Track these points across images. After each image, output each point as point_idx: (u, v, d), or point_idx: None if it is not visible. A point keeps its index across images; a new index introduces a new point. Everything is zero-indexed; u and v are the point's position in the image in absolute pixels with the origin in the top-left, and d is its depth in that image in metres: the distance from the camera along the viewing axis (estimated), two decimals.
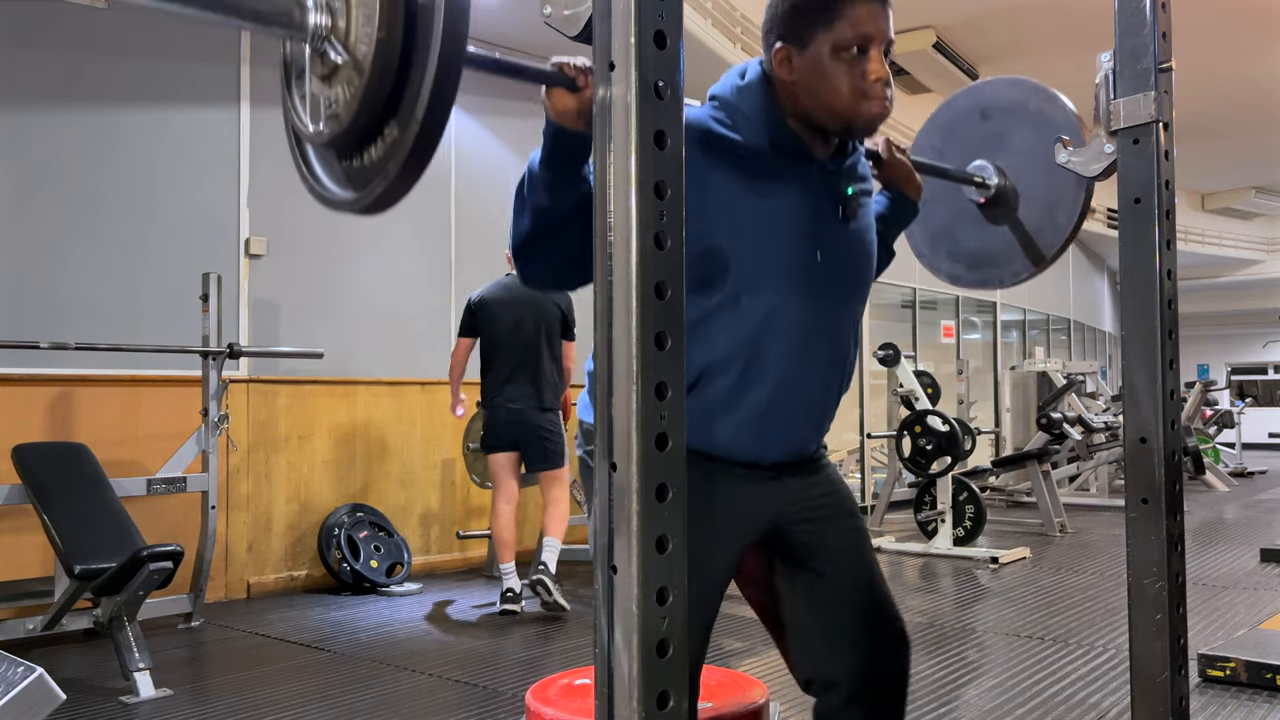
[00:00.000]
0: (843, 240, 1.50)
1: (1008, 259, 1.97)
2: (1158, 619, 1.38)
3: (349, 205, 1.16)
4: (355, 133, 1.11)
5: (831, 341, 1.51)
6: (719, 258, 1.39)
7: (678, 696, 0.87)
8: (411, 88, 1.05)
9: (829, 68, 1.40)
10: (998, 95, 1.98)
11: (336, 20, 1.10)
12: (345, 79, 1.10)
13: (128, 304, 4.61)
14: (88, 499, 3.71)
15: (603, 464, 0.89)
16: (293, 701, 3.20)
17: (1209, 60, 8.37)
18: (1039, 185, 1.89)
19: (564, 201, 1.34)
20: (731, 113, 1.46)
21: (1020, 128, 1.92)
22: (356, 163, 1.15)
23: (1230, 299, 18.33)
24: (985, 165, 1.95)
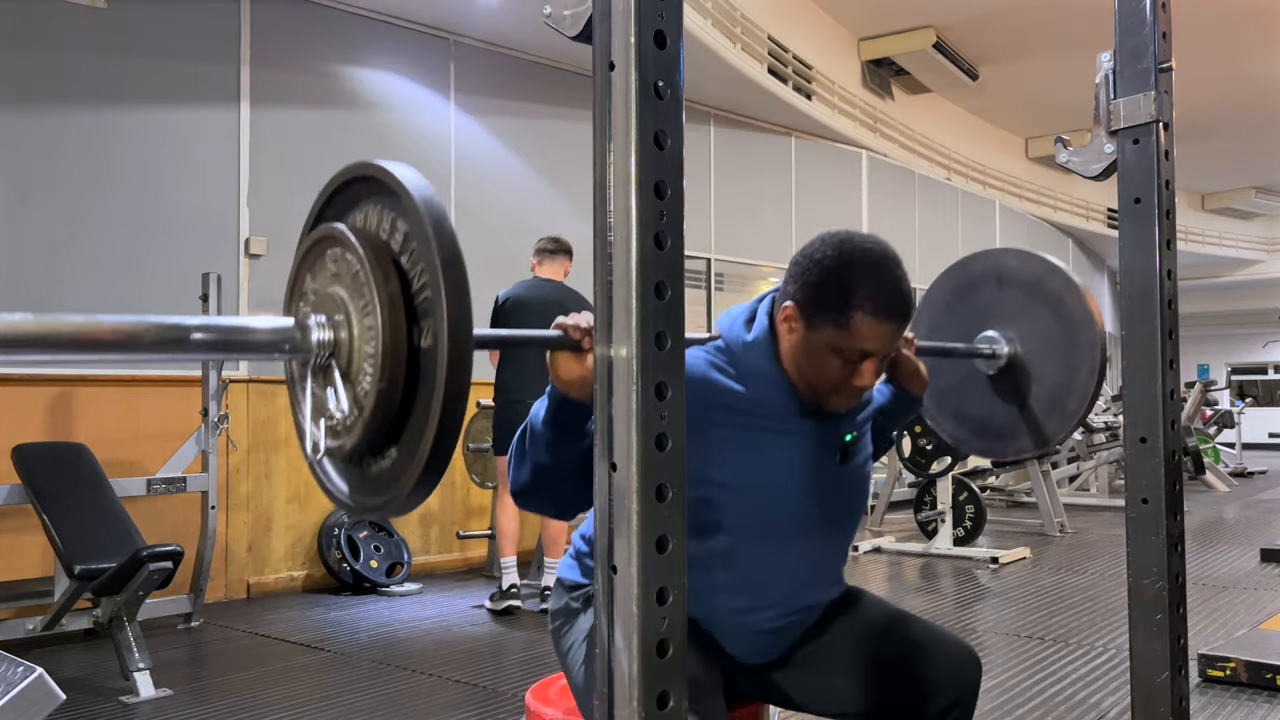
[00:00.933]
0: (839, 483, 1.54)
1: (1013, 435, 1.92)
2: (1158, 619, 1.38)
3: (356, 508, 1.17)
4: (360, 451, 1.12)
5: (823, 573, 1.58)
6: (715, 508, 1.43)
7: (678, 696, 0.87)
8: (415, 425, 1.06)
9: (823, 356, 1.42)
10: (1014, 268, 1.92)
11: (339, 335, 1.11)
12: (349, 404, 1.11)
13: (128, 304, 4.61)
14: (88, 499, 3.71)
15: (603, 464, 0.89)
16: (293, 701, 3.20)
17: (1209, 60, 8.37)
18: (1050, 368, 1.86)
19: (563, 459, 1.35)
20: (735, 364, 1.47)
21: (1037, 306, 1.87)
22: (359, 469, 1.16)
23: (1230, 299, 18.33)
24: (996, 338, 1.90)
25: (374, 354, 1.06)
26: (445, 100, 5.89)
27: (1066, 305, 1.84)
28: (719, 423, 1.43)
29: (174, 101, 4.82)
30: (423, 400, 1.05)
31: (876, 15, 7.68)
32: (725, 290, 7.65)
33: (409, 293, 1.07)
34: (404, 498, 1.07)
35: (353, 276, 1.10)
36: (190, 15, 4.89)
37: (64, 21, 4.48)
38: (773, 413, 1.46)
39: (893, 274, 1.41)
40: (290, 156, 5.09)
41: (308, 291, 1.18)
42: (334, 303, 1.12)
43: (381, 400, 1.06)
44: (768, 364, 1.47)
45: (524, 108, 6.19)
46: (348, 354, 1.10)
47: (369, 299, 1.07)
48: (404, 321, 1.06)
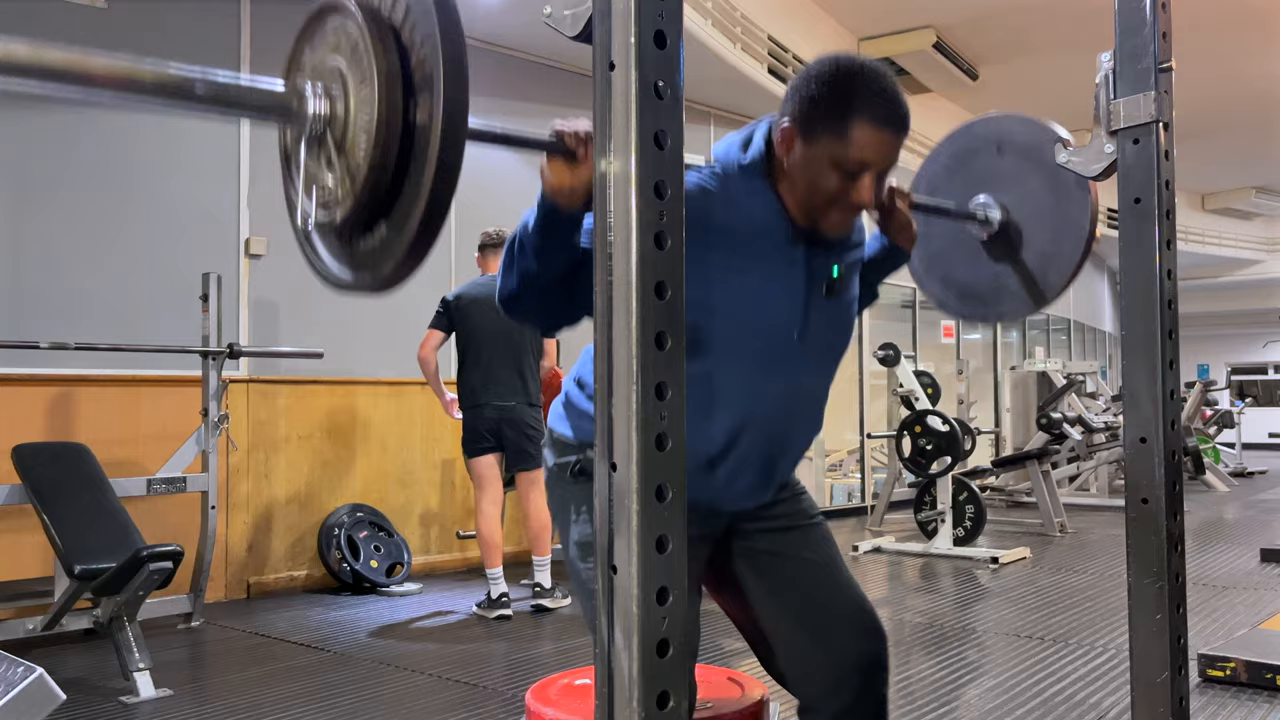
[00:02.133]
0: (824, 316, 1.52)
1: (995, 300, 1.95)
2: (1158, 619, 1.38)
3: (345, 285, 1.17)
4: (350, 225, 1.12)
5: (802, 410, 1.55)
6: (697, 330, 1.40)
7: (678, 696, 0.87)
8: (405, 200, 1.06)
9: (821, 171, 1.41)
10: (1014, 132, 1.93)
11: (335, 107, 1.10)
12: (340, 176, 1.10)
13: (128, 304, 4.61)
14: (88, 499, 3.71)
15: (603, 464, 0.89)
16: (293, 701, 3.20)
17: (1209, 60, 8.37)
18: (1039, 236, 1.87)
19: (553, 267, 1.35)
20: (730, 186, 1.46)
21: (1033, 173, 1.88)
22: (349, 245, 1.16)
23: (1230, 299, 18.33)
24: (990, 203, 1.91)
25: (369, 126, 1.05)
26: None
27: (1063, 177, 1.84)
28: (709, 244, 1.40)
29: None
30: (414, 175, 1.04)
31: (876, 15, 7.68)
32: None
33: (407, 67, 1.06)
34: (390, 271, 1.07)
35: (352, 47, 1.09)
36: (190, 15, 4.89)
37: (64, 21, 4.48)
38: (763, 234, 1.45)
39: (891, 85, 1.41)
40: None
41: (305, 65, 1.17)
42: (331, 73, 1.12)
43: (374, 173, 1.05)
44: (761, 186, 1.46)
45: (524, 108, 6.19)
46: (343, 125, 1.10)
47: (366, 70, 1.06)
48: (400, 95, 1.05)
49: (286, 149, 1.21)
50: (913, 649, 3.89)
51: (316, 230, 1.18)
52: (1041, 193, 1.86)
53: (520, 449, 4.49)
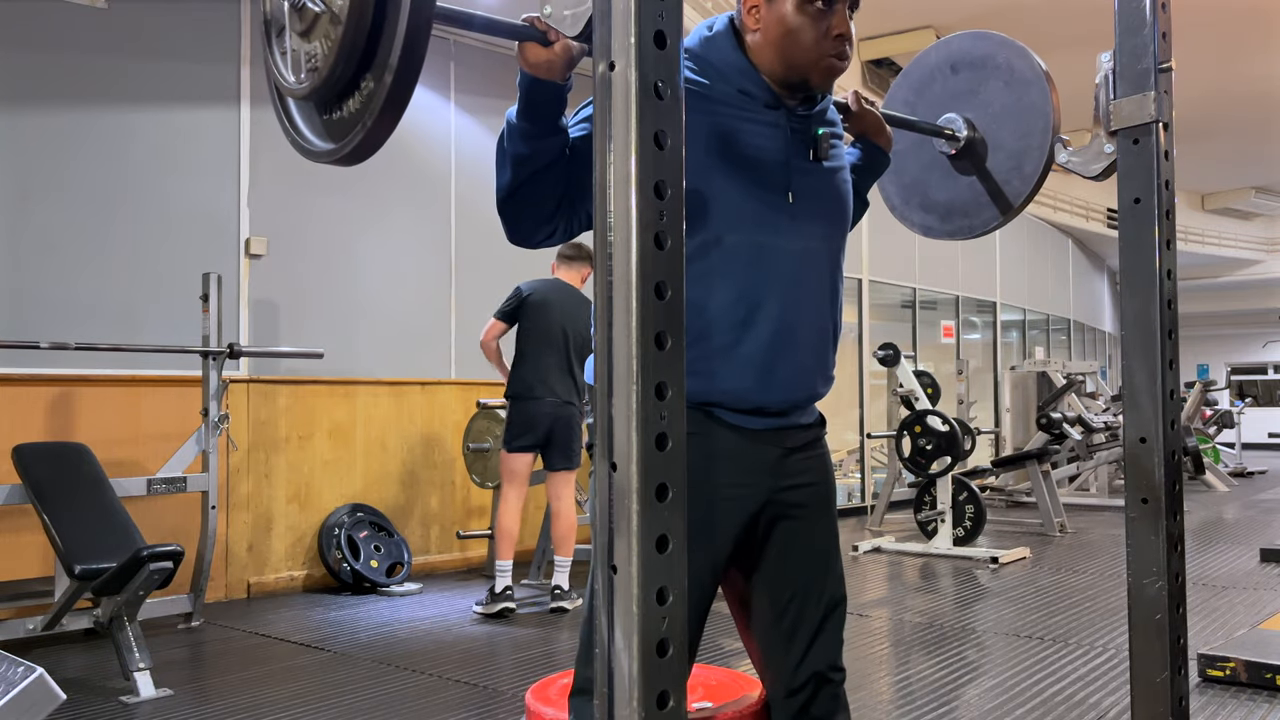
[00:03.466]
0: (816, 180, 1.53)
1: (978, 209, 2.00)
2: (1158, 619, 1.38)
3: (328, 156, 1.22)
4: (333, 85, 1.17)
5: (817, 278, 1.54)
6: (693, 197, 1.38)
7: (678, 696, 0.87)
8: (386, 39, 1.10)
9: (793, 20, 1.44)
10: (966, 49, 2.00)
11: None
12: (323, 32, 1.15)
13: (128, 304, 4.61)
14: (88, 499, 3.71)
15: (603, 464, 0.89)
16: (293, 701, 3.20)
17: (1209, 60, 8.37)
18: (1007, 135, 1.93)
19: (543, 149, 1.38)
20: (699, 62, 1.49)
21: (989, 80, 1.95)
22: (335, 115, 1.21)
23: (1230, 299, 18.34)
24: (954, 118, 1.97)
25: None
26: (445, 100, 5.89)
27: (1017, 71, 1.91)
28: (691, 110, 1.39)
29: (174, 101, 4.82)
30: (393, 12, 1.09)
31: (876, 15, 7.68)
32: None
33: None
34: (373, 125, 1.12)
35: None
36: (190, 15, 4.89)
37: (64, 21, 4.48)
38: (739, 101, 1.48)
39: None
40: (290, 156, 5.05)
41: None
42: None
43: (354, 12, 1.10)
44: (730, 52, 1.49)
45: None
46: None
47: None
48: None
49: (266, 21, 1.27)
50: (913, 649, 3.89)
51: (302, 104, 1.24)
52: (1001, 94, 1.93)
53: (566, 447, 4.52)
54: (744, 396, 1.47)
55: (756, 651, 1.59)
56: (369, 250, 5.51)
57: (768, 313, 1.46)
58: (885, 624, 4.34)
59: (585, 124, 1.44)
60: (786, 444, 1.52)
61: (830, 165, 1.56)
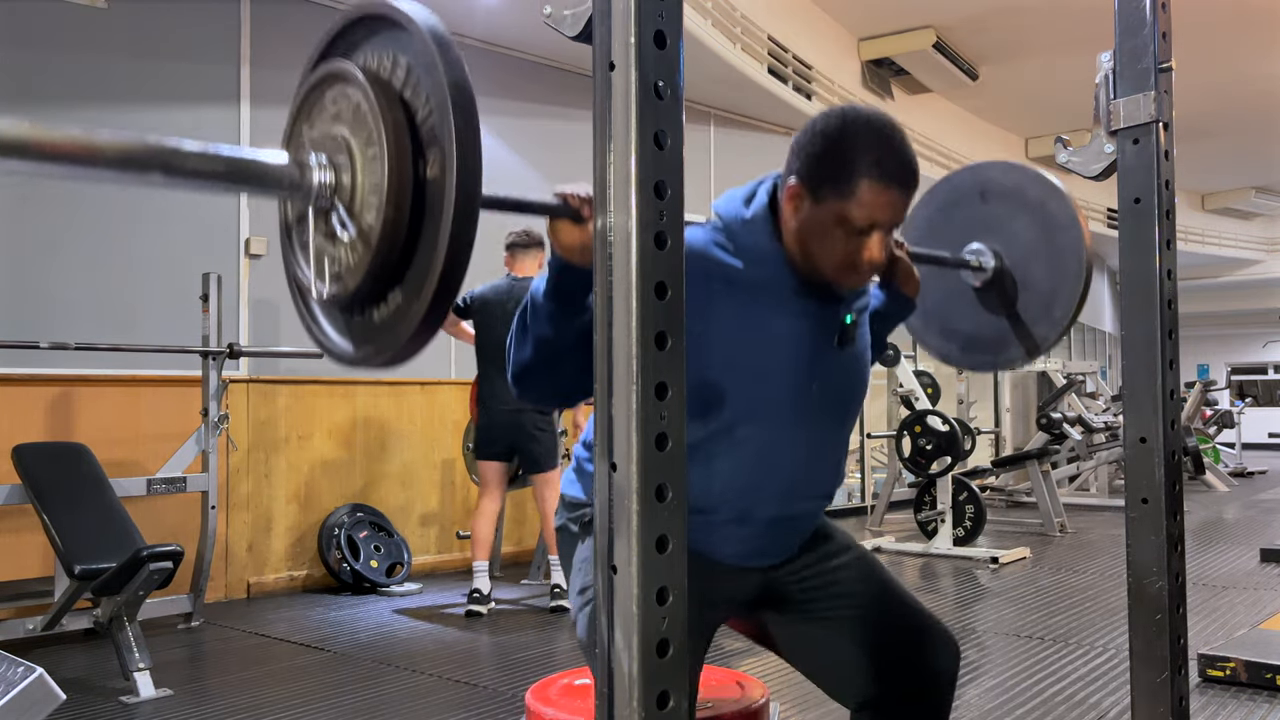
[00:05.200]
0: (839, 367, 1.52)
1: (1002, 345, 1.93)
2: (1158, 619, 1.38)
3: (352, 360, 1.13)
4: (360, 297, 1.08)
5: (824, 462, 1.55)
6: (716, 389, 1.40)
7: (678, 696, 0.87)
8: (420, 262, 1.01)
9: (829, 230, 1.39)
10: (996, 179, 1.92)
11: (341, 177, 1.07)
12: (350, 245, 1.06)
13: (128, 304, 4.61)
14: (88, 499, 3.71)
15: (603, 464, 0.89)
16: (293, 701, 3.20)
17: (1209, 60, 8.37)
18: (1037, 275, 1.86)
19: (566, 332, 1.34)
20: (735, 241, 1.44)
21: (1019, 215, 1.87)
22: (362, 319, 1.11)
23: (1230, 299, 18.32)
24: (982, 250, 1.90)
25: (379, 184, 1.02)
26: None
27: (1050, 212, 1.83)
28: (718, 296, 1.40)
29: (174, 101, 4.82)
30: (429, 234, 1.00)
31: (876, 15, 7.68)
32: None
33: (414, 123, 1.03)
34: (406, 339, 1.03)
35: (354, 111, 1.05)
36: (190, 15, 4.89)
37: (64, 21, 4.48)
38: (771, 289, 1.44)
39: (899, 140, 1.38)
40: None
41: (305, 141, 1.13)
42: (335, 143, 1.08)
43: (388, 229, 1.01)
44: (766, 240, 1.44)
45: (524, 108, 6.19)
46: (350, 191, 1.06)
47: (372, 129, 1.02)
48: (410, 147, 1.01)
49: (289, 222, 1.17)
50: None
51: (324, 306, 1.14)
52: (1031, 231, 1.85)
53: (530, 454, 4.49)
54: (740, 560, 1.52)
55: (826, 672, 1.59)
56: None
57: (772, 497, 1.48)
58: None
59: None
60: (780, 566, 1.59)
61: (855, 348, 1.55)
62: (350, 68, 1.07)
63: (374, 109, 1.03)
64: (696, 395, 1.33)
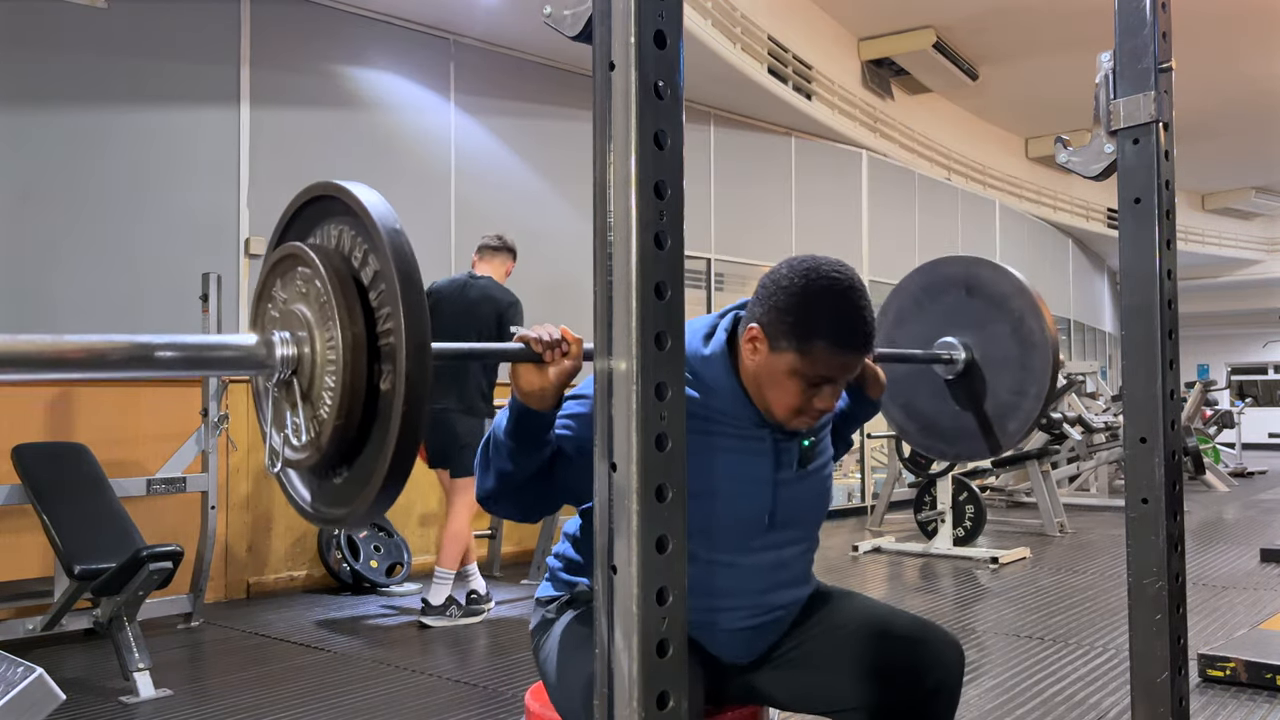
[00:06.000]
0: (798, 490, 1.55)
1: (955, 438, 1.99)
2: (1158, 619, 1.38)
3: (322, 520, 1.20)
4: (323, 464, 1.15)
5: (784, 577, 1.58)
6: None
7: (678, 696, 0.87)
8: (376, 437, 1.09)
9: (783, 379, 1.44)
10: (987, 280, 1.96)
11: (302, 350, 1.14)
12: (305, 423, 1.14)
13: (128, 304, 4.61)
14: (88, 499, 3.71)
15: (603, 464, 0.89)
16: (293, 701, 3.20)
17: (1209, 60, 8.37)
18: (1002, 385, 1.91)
19: (526, 467, 1.39)
20: (693, 374, 1.48)
21: (1000, 321, 1.92)
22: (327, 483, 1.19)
23: (1230, 299, 18.33)
24: (954, 344, 1.95)
25: (334, 388, 1.08)
26: (445, 100, 5.89)
27: (1028, 327, 1.89)
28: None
29: (174, 101, 4.82)
30: (377, 439, 1.08)
31: (876, 15, 7.68)
32: (725, 290, 7.65)
33: (373, 330, 1.09)
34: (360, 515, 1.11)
35: (320, 303, 1.12)
36: (190, 15, 4.89)
37: (64, 21, 4.48)
38: (731, 421, 1.49)
39: (856, 305, 1.43)
40: (290, 156, 5.09)
41: (276, 298, 1.21)
42: (299, 320, 1.15)
43: (337, 434, 1.09)
44: (724, 377, 1.49)
45: (524, 108, 6.19)
46: (309, 374, 1.13)
47: (333, 332, 1.09)
48: (365, 362, 1.08)
49: (258, 390, 1.24)
50: None
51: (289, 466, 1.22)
52: (1006, 341, 1.91)
53: (445, 453, 4.35)
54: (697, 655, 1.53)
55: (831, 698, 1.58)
56: None
57: (735, 613, 1.53)
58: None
59: (568, 421, 1.43)
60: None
61: (814, 466, 1.59)
62: (318, 262, 1.14)
63: (336, 317, 1.10)
64: None
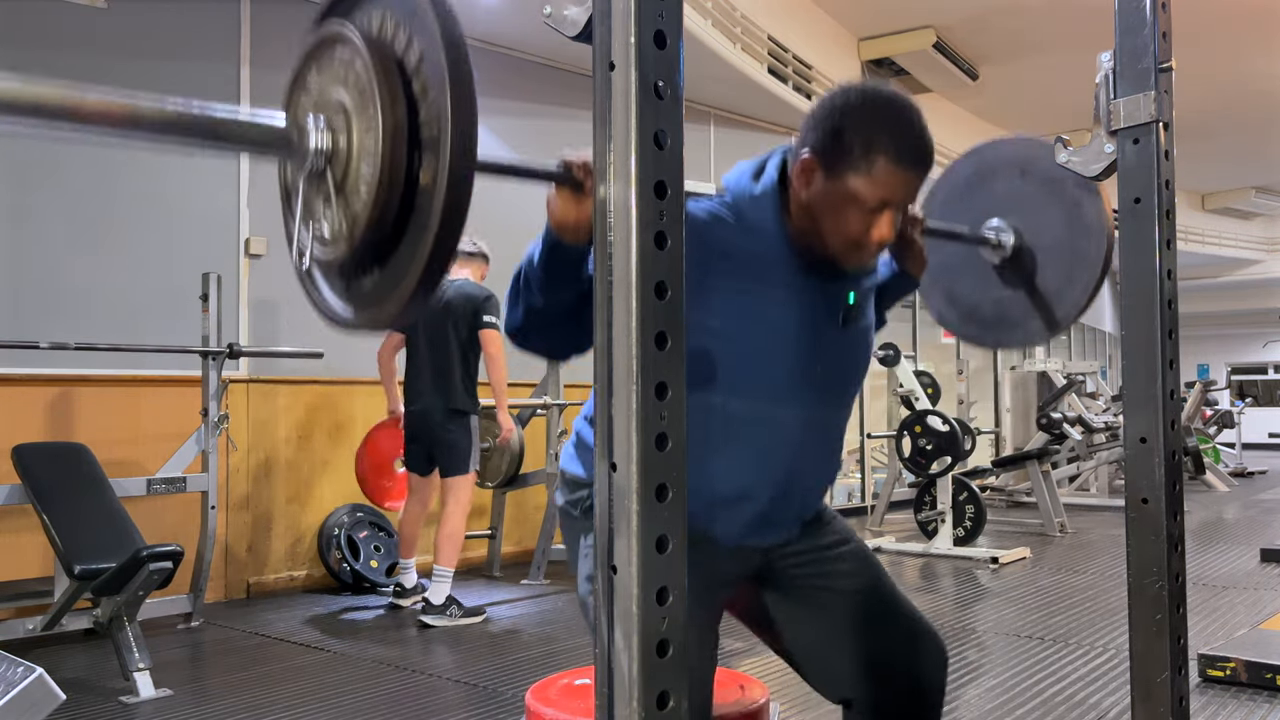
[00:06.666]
0: (841, 346, 1.49)
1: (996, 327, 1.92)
2: (1158, 619, 1.38)
3: (345, 324, 1.15)
4: (354, 262, 1.10)
5: (825, 440, 1.53)
6: (708, 359, 1.37)
7: (678, 696, 0.87)
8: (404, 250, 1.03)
9: (840, 206, 1.37)
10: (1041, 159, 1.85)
11: (338, 140, 1.07)
12: (338, 218, 1.08)
13: (128, 304, 4.61)
14: (88, 499, 3.71)
15: (603, 464, 0.89)
16: (293, 701, 3.20)
17: (1209, 60, 8.37)
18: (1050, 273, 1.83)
19: (559, 300, 1.33)
20: (739, 216, 1.42)
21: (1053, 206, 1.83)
22: (356, 284, 1.13)
23: (1230, 299, 18.32)
24: (1003, 227, 1.86)
25: (370, 179, 1.02)
26: None
27: (1083, 212, 1.80)
28: (719, 271, 1.37)
29: None
30: (413, 234, 1.02)
31: (876, 15, 7.67)
32: None
33: (415, 119, 1.03)
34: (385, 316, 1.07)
35: (359, 89, 1.05)
36: (190, 15, 4.89)
37: (64, 21, 4.48)
38: (774, 266, 1.41)
39: (917, 121, 1.37)
40: None
41: (309, 90, 1.12)
42: (336, 107, 1.08)
43: (371, 227, 1.03)
44: (772, 217, 1.42)
45: (524, 108, 6.19)
46: (344, 165, 1.06)
47: (373, 119, 1.02)
48: (405, 152, 1.02)
49: (286, 183, 1.18)
50: None
51: (321, 269, 1.16)
52: (1058, 226, 1.82)
53: (431, 455, 4.46)
54: (739, 540, 1.49)
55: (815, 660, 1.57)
56: None
57: (772, 477, 1.46)
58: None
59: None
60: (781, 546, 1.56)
61: (858, 325, 1.52)
62: (362, 46, 1.06)
63: (376, 103, 1.02)
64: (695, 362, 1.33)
